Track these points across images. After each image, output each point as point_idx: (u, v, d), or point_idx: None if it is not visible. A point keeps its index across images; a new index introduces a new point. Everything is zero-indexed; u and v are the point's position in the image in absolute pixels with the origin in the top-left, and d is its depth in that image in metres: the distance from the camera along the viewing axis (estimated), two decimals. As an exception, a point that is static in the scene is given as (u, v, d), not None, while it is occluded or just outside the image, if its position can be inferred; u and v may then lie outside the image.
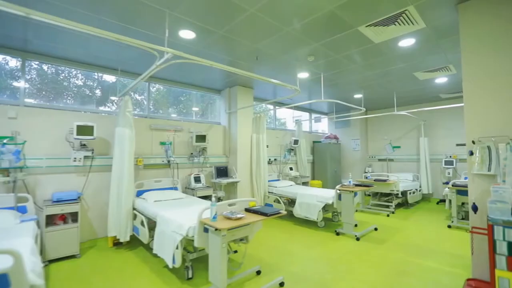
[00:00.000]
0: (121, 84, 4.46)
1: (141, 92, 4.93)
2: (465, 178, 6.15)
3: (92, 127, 3.57)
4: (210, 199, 4.80)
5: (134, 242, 3.77)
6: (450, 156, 6.68)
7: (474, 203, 2.31)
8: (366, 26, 2.96)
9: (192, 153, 4.98)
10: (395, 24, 2.93)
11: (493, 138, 2.28)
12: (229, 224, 2.23)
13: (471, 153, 2.37)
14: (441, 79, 5.00)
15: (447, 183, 6.57)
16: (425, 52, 3.71)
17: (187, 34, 3.11)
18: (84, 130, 3.52)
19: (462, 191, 4.58)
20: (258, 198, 5.42)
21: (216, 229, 2.18)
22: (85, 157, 3.71)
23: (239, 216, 2.37)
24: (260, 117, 5.57)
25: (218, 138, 5.53)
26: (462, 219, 4.92)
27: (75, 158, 3.59)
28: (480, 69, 2.40)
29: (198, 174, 4.83)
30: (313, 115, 8.38)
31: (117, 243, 3.68)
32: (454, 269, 2.93)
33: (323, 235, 4.19)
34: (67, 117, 3.70)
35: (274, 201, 5.26)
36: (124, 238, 3.52)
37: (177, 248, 2.56)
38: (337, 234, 4.17)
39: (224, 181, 4.93)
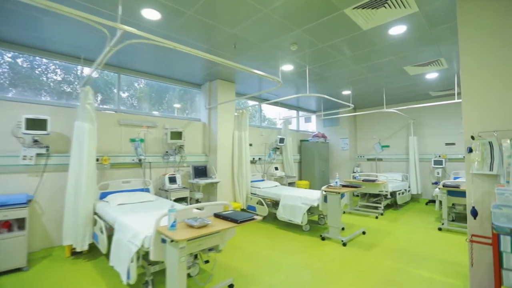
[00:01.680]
0: (102, 77, 4.01)
1: (127, 87, 4.51)
2: (455, 178, 5.98)
3: (45, 120, 3.13)
4: (186, 202, 4.46)
5: (95, 251, 3.34)
6: (439, 156, 6.51)
7: (473, 207, 2.03)
8: (353, 9, 2.65)
9: (167, 152, 4.58)
10: (385, 7, 2.63)
11: (495, 133, 1.99)
12: (190, 233, 1.86)
13: (470, 150, 2.08)
14: (431, 75, 4.78)
15: (436, 183, 6.39)
16: (416, 43, 3.44)
17: (151, 14, 2.72)
18: (35, 124, 3.08)
19: (453, 191, 4.36)
20: (240, 199, 5.06)
21: (172, 241, 1.80)
22: (38, 155, 3.26)
23: (204, 223, 2.01)
24: (242, 113, 5.21)
25: (197, 136, 5.14)
26: (452, 220, 4.71)
27: (25, 156, 3.14)
28: (480, 58, 2.12)
29: (174, 174, 4.42)
30: (301, 113, 8.08)
31: (75, 253, 3.24)
32: (449, 279, 2.65)
33: (308, 240, 3.87)
34: (16, 109, 3.23)
35: (257, 203, 4.91)
36: (81, 247, 3.09)
37: (133, 261, 2.17)
38: (323, 239, 3.86)
39: (202, 181, 4.54)
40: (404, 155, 7.11)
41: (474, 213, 2.01)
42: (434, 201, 6.36)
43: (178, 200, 4.24)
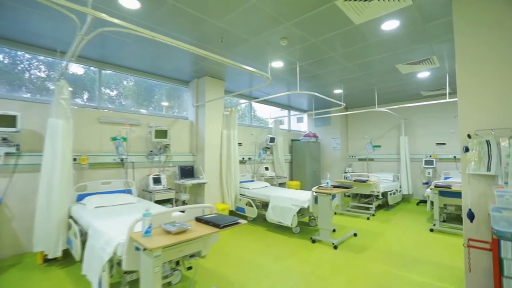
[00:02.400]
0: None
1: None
2: (445, 178, 5.96)
3: (14, 117, 2.89)
4: (171, 203, 4.25)
5: (71, 257, 3.11)
6: (430, 156, 6.49)
7: (470, 210, 1.92)
8: (345, 0, 2.52)
9: (151, 151, 4.36)
10: (378, -1, 2.51)
11: (492, 131, 1.89)
12: (166, 240, 1.68)
13: (466, 150, 1.97)
14: (423, 74, 4.71)
15: (427, 183, 6.37)
16: (409, 39, 3.35)
17: (129, 2, 2.52)
18: (3, 120, 2.83)
19: (444, 192, 4.30)
20: (228, 200, 4.89)
21: (145, 249, 1.62)
22: (7, 154, 3.01)
23: (182, 228, 1.83)
24: (231, 111, 5.04)
25: (184, 134, 4.94)
26: (444, 221, 4.66)
27: (-9, 155, 2.89)
28: (476, 53, 2.01)
29: (159, 175, 4.22)
30: (293, 113, 7.96)
31: (48, 260, 3.01)
32: (443, 284, 2.54)
33: (298, 243, 3.73)
34: (-16, 104, 2.98)
35: (246, 204, 4.75)
36: (54, 253, 2.86)
37: (105, 270, 1.97)
38: (313, 241, 3.73)
39: (189, 182, 4.35)
40: (395, 155, 7.07)
41: (471, 216, 1.90)
42: (425, 201, 6.35)
43: (162, 201, 4.04)
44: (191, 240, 1.80)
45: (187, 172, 4.65)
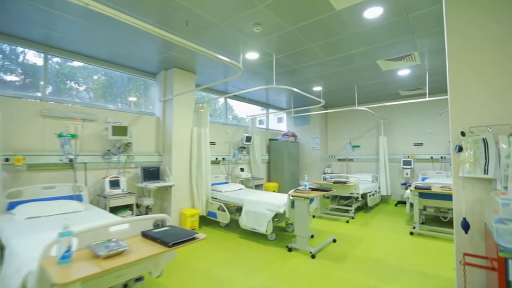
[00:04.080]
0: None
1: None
2: (423, 179, 5.90)
3: None
4: (131, 209, 3.75)
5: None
6: (408, 156, 6.42)
7: (464, 219, 1.65)
8: (325, -22, 2.20)
9: (109, 150, 3.83)
10: (361, -21, 2.21)
11: (489, 128, 1.64)
12: (88, 269, 1.25)
13: (460, 149, 1.71)
14: (403, 71, 4.56)
15: (405, 184, 6.30)
16: (392, 31, 3.11)
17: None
18: None
19: (424, 194, 4.15)
20: (199, 205, 4.45)
21: (53, 285, 1.18)
22: None
23: (117, 250, 1.41)
24: (202, 107, 4.60)
25: (149, 132, 4.44)
26: (422, 223, 4.52)
27: None
28: (470, 36, 1.76)
29: (117, 177, 3.70)
30: (271, 111, 7.65)
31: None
32: (428, 298, 2.30)
33: (273, 251, 3.39)
34: None
35: (218, 209, 4.34)
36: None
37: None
38: (289, 250, 3.40)
39: (152, 185, 3.87)
40: (374, 155, 6.96)
41: (466, 226, 1.64)
42: (403, 202, 6.26)
43: (120, 208, 3.54)
44: (126, 265, 1.38)
45: (152, 174, 4.16)
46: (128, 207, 3.65)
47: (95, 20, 2.84)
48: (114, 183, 3.64)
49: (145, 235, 1.71)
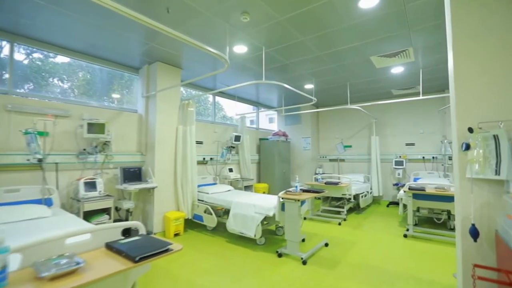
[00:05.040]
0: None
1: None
2: (415, 179, 5.81)
3: None
4: (108, 214, 3.47)
5: None
6: (400, 156, 6.33)
7: (473, 225, 1.48)
8: (318, -41, 2.00)
9: (84, 149, 3.53)
10: (357, -38, 2.02)
11: (501, 124, 1.47)
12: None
13: (467, 147, 1.54)
14: (397, 69, 4.43)
15: (397, 184, 6.20)
16: (388, 24, 2.95)
17: None
18: None
19: (418, 195, 4.02)
20: (184, 207, 4.20)
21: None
22: None
23: (67, 269, 1.16)
24: (188, 104, 4.35)
25: (130, 130, 4.15)
26: (416, 225, 4.40)
27: None
28: (477, 25, 1.59)
29: (93, 179, 3.41)
30: (261, 110, 7.44)
31: None
32: (428, 309, 2.13)
33: (262, 257, 3.17)
34: None
35: (205, 212, 4.10)
36: None
37: None
38: (280, 255, 3.19)
39: (132, 187, 3.59)
40: (366, 155, 6.85)
41: (475, 234, 1.46)
42: (395, 203, 6.17)
43: (96, 212, 3.26)
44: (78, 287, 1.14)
45: (133, 174, 3.88)
46: (105, 211, 3.36)
47: (66, 4, 2.56)
48: (90, 185, 3.35)
49: (110, 247, 1.46)
